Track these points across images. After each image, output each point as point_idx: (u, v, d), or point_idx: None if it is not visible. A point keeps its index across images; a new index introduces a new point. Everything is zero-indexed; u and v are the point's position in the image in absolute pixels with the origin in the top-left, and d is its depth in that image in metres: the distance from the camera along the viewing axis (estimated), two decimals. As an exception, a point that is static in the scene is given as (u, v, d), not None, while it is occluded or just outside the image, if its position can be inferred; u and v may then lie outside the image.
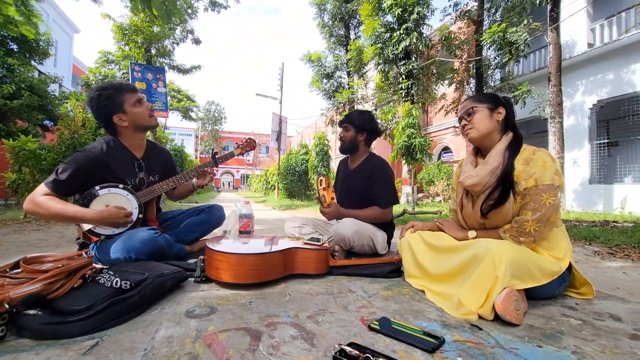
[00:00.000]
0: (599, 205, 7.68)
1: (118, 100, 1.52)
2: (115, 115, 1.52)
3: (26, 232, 3.08)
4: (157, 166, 1.71)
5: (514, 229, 1.17)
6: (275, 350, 0.78)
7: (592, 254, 2.63)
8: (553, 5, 6.31)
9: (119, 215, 1.40)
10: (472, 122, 1.31)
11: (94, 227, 1.44)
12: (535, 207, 1.13)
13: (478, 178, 1.25)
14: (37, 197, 1.35)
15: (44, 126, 8.48)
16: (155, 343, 0.81)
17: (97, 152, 1.48)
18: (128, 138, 1.59)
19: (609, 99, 7.70)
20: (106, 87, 1.53)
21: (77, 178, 1.42)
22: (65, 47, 16.55)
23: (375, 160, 2.10)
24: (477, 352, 0.80)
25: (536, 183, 1.14)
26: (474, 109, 1.31)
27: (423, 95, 9.74)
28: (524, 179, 1.16)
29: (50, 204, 1.34)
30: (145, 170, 1.63)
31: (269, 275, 1.33)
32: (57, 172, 1.41)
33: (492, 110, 1.29)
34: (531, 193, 1.14)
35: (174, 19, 5.43)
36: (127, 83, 1.62)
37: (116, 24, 9.78)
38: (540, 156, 1.18)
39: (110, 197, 1.46)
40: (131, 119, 1.54)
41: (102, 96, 1.50)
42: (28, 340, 0.82)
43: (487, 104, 1.30)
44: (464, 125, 1.34)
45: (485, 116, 1.29)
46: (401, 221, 4.54)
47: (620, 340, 0.89)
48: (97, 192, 1.43)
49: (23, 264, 0.99)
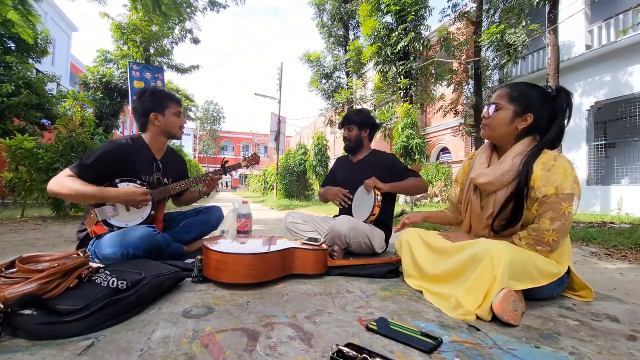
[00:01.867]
0: (596, 206, 7.71)
1: (164, 104, 1.69)
2: (153, 113, 1.67)
3: (23, 231, 3.06)
4: (173, 170, 1.80)
5: (531, 237, 1.13)
6: (272, 351, 0.78)
7: (590, 254, 2.63)
8: (551, 6, 6.33)
9: (137, 193, 1.50)
10: (491, 120, 1.26)
11: (109, 218, 1.50)
12: (554, 217, 1.10)
13: (491, 177, 1.22)
14: (61, 178, 1.45)
15: (41, 125, 8.45)
16: (151, 343, 0.80)
17: (123, 143, 1.62)
18: (153, 137, 1.71)
19: (607, 100, 7.74)
20: (162, 90, 1.75)
21: (101, 163, 1.51)
22: (63, 45, 16.47)
23: (381, 152, 2.25)
24: (474, 353, 0.80)
25: (556, 191, 1.09)
26: (499, 106, 1.24)
27: (422, 96, 9.77)
28: (543, 186, 1.11)
29: (72, 183, 1.43)
30: (162, 172, 1.73)
31: (266, 275, 1.33)
32: (82, 158, 1.53)
33: (518, 115, 1.22)
34: (550, 202, 1.10)
35: (173, 18, 5.42)
36: (177, 96, 1.82)
37: (114, 23, 9.76)
38: (562, 163, 1.13)
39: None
40: (164, 123, 1.69)
41: (155, 94, 1.69)
42: (23, 341, 0.81)
43: (516, 105, 1.22)
44: (484, 118, 1.29)
45: (506, 119, 1.23)
46: (399, 221, 4.55)
47: (617, 341, 0.89)
48: (116, 184, 1.53)
49: (18, 263, 0.98)
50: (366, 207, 1.91)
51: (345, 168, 2.28)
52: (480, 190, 1.32)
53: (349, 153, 2.26)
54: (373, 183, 1.89)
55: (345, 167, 2.29)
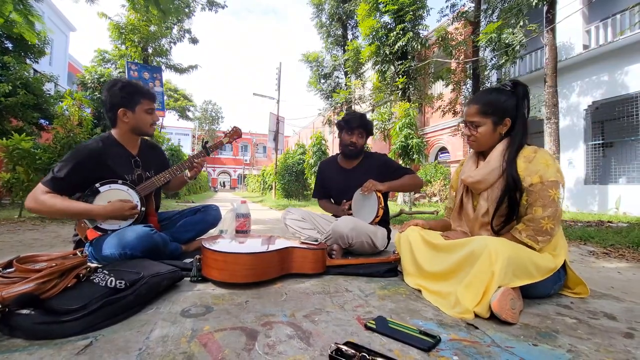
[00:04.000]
0: (594, 205, 7.74)
1: (135, 100, 1.57)
2: (122, 109, 1.55)
3: (21, 231, 3.05)
4: (153, 163, 1.73)
5: (530, 228, 1.16)
6: (271, 350, 0.78)
7: (587, 253, 2.64)
8: (549, 7, 6.35)
9: (124, 208, 1.45)
10: (477, 135, 1.32)
11: (100, 224, 1.46)
12: (544, 204, 1.14)
13: (480, 176, 1.28)
14: (40, 196, 1.37)
15: (39, 125, 8.41)
16: (150, 343, 0.80)
17: (94, 148, 1.51)
18: (123, 135, 1.62)
19: (604, 100, 7.77)
20: (134, 84, 1.60)
21: (75, 175, 1.43)
22: (60, 45, 16.41)
23: (373, 154, 2.24)
24: (473, 351, 0.80)
25: (541, 180, 1.15)
26: (478, 122, 1.31)
27: (420, 96, 9.79)
28: (528, 176, 1.18)
29: (54, 201, 1.37)
30: (142, 167, 1.66)
31: (265, 274, 1.33)
32: (54, 171, 1.43)
33: (497, 124, 1.29)
34: (537, 190, 1.15)
35: (172, 17, 5.42)
36: (150, 91, 1.67)
37: (112, 23, 9.73)
38: (542, 154, 1.20)
39: (112, 192, 1.49)
40: (135, 120, 1.59)
41: (126, 88, 1.56)
42: (21, 340, 0.81)
43: (492, 116, 1.28)
44: (468, 135, 1.35)
45: (489, 130, 1.30)
46: (398, 221, 4.55)
47: (614, 339, 0.89)
48: (97, 189, 1.46)
49: (16, 263, 0.98)
50: (369, 210, 1.91)
51: (339, 174, 2.20)
52: (471, 191, 1.37)
53: (349, 158, 2.17)
54: (373, 186, 1.88)
55: (338, 173, 2.21)
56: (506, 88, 1.32)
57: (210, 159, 40.23)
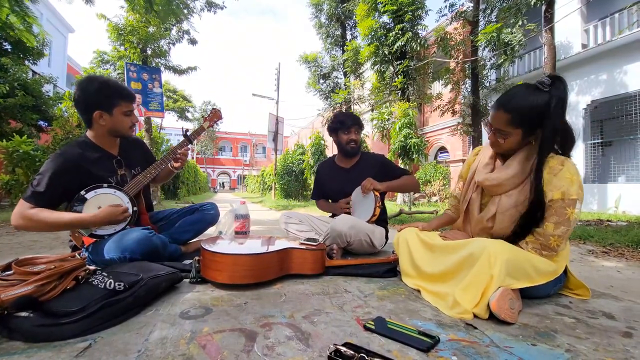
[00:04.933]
0: (594, 204, 7.75)
1: (113, 102, 1.48)
2: (98, 112, 1.45)
3: (19, 233, 3.05)
4: (136, 159, 1.66)
5: (538, 242, 1.13)
6: (270, 351, 0.78)
7: (587, 252, 2.65)
8: (547, 6, 6.36)
9: (116, 213, 1.41)
10: (502, 145, 1.20)
11: (94, 231, 1.43)
12: (559, 221, 1.10)
13: (498, 181, 1.21)
14: (26, 211, 1.30)
15: (38, 127, 8.41)
16: (149, 344, 0.80)
17: (70, 155, 1.43)
18: (100, 137, 1.54)
19: (603, 99, 7.78)
20: (110, 85, 1.49)
21: (54, 186, 1.36)
22: (59, 46, 16.40)
23: (370, 154, 2.26)
24: (471, 351, 0.80)
25: (563, 197, 1.09)
26: (507, 134, 1.18)
27: (419, 95, 9.79)
28: (550, 190, 1.11)
29: (43, 215, 1.31)
30: (126, 166, 1.59)
31: (264, 275, 1.33)
32: (32, 185, 1.35)
33: (528, 134, 1.17)
34: (556, 206, 1.10)
35: (171, 18, 5.42)
36: (129, 91, 1.58)
37: (111, 24, 9.71)
38: (568, 168, 1.11)
39: (100, 197, 1.44)
40: (112, 123, 1.50)
41: (102, 89, 1.45)
42: (20, 343, 0.81)
43: (524, 127, 1.15)
44: (493, 141, 1.24)
45: (518, 141, 1.18)
46: (398, 221, 4.55)
47: (613, 338, 0.89)
48: (84, 196, 1.41)
49: (15, 265, 0.97)
50: (366, 209, 1.91)
51: (336, 175, 2.22)
52: (484, 191, 1.31)
53: (352, 156, 2.19)
54: (371, 185, 1.88)
55: (335, 173, 2.23)
56: (544, 88, 1.12)
57: (210, 160, 40.20)
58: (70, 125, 4.45)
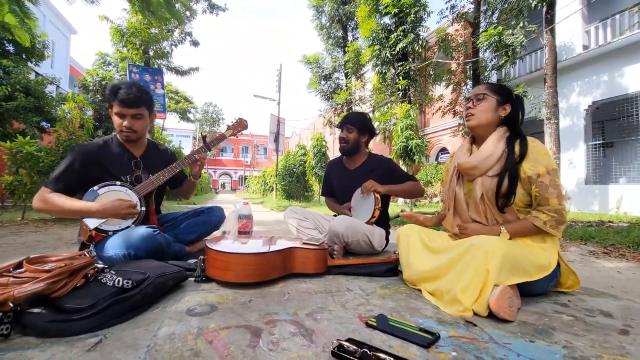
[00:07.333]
0: (595, 205, 7.74)
1: (110, 102, 1.60)
2: (110, 110, 1.61)
3: (24, 233, 3.08)
4: (157, 164, 1.69)
5: (554, 219, 1.18)
6: (275, 347, 0.80)
7: (588, 253, 2.66)
8: (548, 7, 6.37)
9: (122, 206, 1.46)
10: (477, 109, 1.34)
11: (100, 225, 1.47)
12: (558, 193, 1.18)
13: (475, 162, 1.31)
14: (45, 195, 1.46)
15: (41, 128, 8.45)
16: (157, 340, 0.83)
17: (91, 148, 1.58)
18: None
19: (604, 100, 7.79)
20: (114, 86, 1.58)
21: (68, 173, 1.50)
22: (62, 48, 16.50)
23: (378, 156, 2.23)
24: (471, 347, 0.83)
25: (547, 170, 1.19)
26: (484, 96, 1.34)
27: (420, 97, 9.80)
28: (531, 167, 1.20)
29: (57, 199, 1.44)
30: (144, 168, 1.67)
31: (268, 274, 1.35)
32: (53, 172, 1.52)
33: (500, 104, 1.33)
34: (547, 180, 1.18)
35: (173, 20, 5.45)
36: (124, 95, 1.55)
37: (114, 26, 9.78)
38: (538, 144, 1.25)
39: (110, 194, 1.50)
40: (114, 122, 1.61)
41: (108, 90, 1.60)
42: (32, 338, 0.83)
43: (498, 96, 1.33)
44: (468, 108, 1.38)
45: (491, 108, 1.33)
46: (398, 222, 4.57)
47: (610, 335, 0.91)
48: (96, 191, 1.49)
49: (26, 263, 1.00)
50: (366, 210, 1.93)
51: (341, 174, 2.24)
52: (462, 180, 1.41)
53: (344, 155, 2.22)
54: (372, 186, 1.90)
55: (341, 173, 2.25)
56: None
57: (211, 161, 40.23)
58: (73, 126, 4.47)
